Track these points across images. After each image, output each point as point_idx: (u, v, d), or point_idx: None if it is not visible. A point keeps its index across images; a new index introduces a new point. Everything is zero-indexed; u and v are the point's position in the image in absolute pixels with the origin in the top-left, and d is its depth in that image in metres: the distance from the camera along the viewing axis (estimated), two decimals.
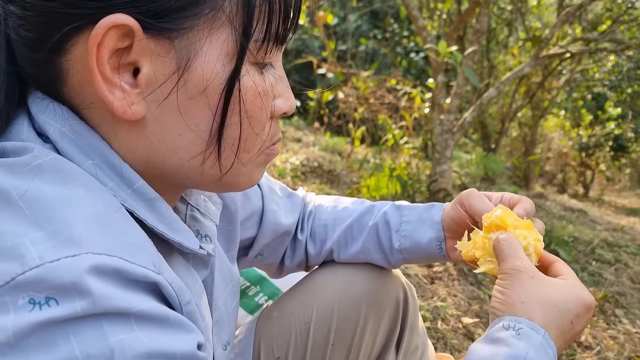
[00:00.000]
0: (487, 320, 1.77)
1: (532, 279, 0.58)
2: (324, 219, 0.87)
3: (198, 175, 0.50)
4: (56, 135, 0.45)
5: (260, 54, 0.47)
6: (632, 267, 2.70)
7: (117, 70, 0.43)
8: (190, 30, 0.43)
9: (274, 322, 0.84)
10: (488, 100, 3.03)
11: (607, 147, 7.24)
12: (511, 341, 0.53)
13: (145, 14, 0.42)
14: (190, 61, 0.44)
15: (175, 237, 0.49)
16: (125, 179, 0.46)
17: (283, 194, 0.88)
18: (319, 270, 0.89)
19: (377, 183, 2.97)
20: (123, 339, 0.36)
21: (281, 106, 0.52)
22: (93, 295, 0.35)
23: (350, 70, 3.79)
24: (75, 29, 0.42)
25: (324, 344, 0.81)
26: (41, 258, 0.35)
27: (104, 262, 0.37)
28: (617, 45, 3.33)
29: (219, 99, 0.46)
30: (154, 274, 0.40)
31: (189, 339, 0.41)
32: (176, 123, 0.46)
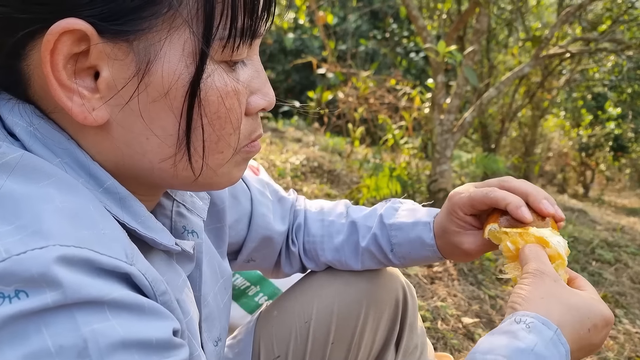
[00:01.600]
0: (487, 320, 1.77)
1: (555, 282, 0.58)
2: (312, 234, 0.86)
3: (171, 177, 0.49)
4: (23, 135, 0.44)
5: (227, 52, 0.45)
6: (632, 267, 2.70)
7: (76, 75, 0.42)
8: (149, 32, 0.41)
9: (273, 321, 0.84)
10: (488, 100, 3.03)
11: (607, 147, 7.24)
12: (520, 334, 0.53)
13: (98, 17, 0.40)
14: (150, 63, 0.42)
15: (147, 234, 0.48)
16: (95, 178, 0.45)
17: (274, 197, 0.87)
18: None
19: (377, 183, 2.97)
20: (96, 329, 0.36)
21: (258, 102, 0.51)
22: (63, 286, 0.35)
23: (350, 70, 3.79)
24: (31, 34, 0.41)
25: (324, 342, 0.81)
26: (7, 251, 0.35)
27: (73, 253, 0.36)
28: (617, 45, 3.33)
29: (182, 101, 0.44)
30: (125, 264, 0.40)
31: (164, 326, 0.41)
32: (141, 127, 0.45)
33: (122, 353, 0.36)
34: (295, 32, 7.48)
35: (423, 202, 0.86)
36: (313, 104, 4.07)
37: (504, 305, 1.90)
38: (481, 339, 0.56)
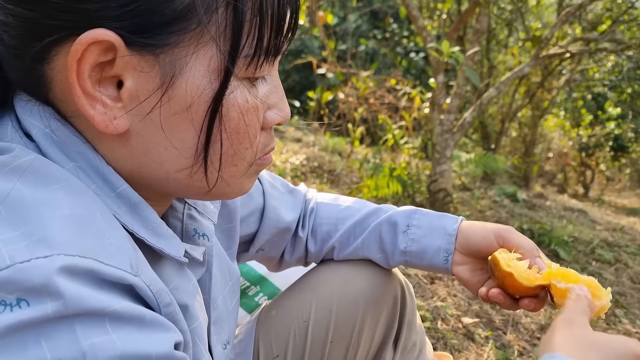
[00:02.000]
0: (487, 320, 1.77)
1: (582, 328, 0.58)
2: (326, 217, 0.87)
3: (185, 187, 0.49)
4: (39, 137, 0.44)
5: (251, 69, 0.45)
6: (632, 267, 2.70)
7: (99, 83, 0.42)
8: (176, 46, 0.42)
9: (272, 320, 0.84)
10: (488, 100, 3.03)
11: (607, 147, 7.23)
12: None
13: (127, 29, 0.40)
14: (175, 77, 0.43)
15: (156, 244, 0.48)
16: (109, 182, 0.45)
17: (284, 189, 0.88)
18: (317, 268, 0.89)
19: (377, 183, 2.97)
20: (95, 343, 0.35)
21: (274, 117, 0.51)
22: (64, 297, 0.35)
23: (350, 70, 3.79)
24: (57, 40, 0.41)
25: (323, 341, 0.81)
26: (12, 258, 0.35)
27: (76, 263, 0.36)
28: (617, 45, 3.33)
29: (204, 116, 0.44)
30: (130, 275, 0.39)
31: (166, 339, 0.41)
32: (160, 137, 0.45)
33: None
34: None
35: (423, 202, 0.86)
36: (313, 104, 4.07)
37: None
38: None
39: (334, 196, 0.91)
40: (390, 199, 3.05)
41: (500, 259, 0.69)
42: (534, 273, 0.68)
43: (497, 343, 1.64)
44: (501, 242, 0.75)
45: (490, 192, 4.11)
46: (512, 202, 4.00)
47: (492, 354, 1.56)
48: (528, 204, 4.12)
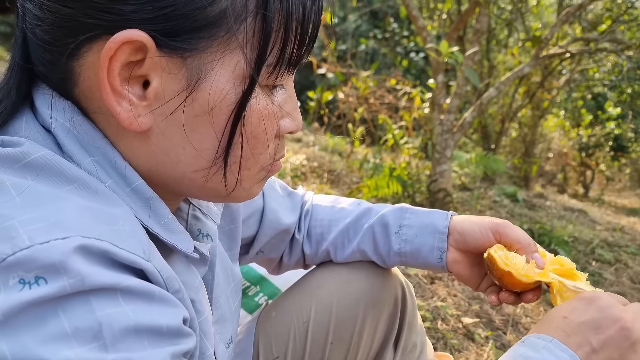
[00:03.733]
0: (487, 320, 1.78)
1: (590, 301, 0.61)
2: (320, 219, 0.87)
3: (198, 189, 0.51)
4: (58, 130, 0.45)
5: (272, 77, 0.47)
6: (632, 267, 2.70)
7: (127, 81, 0.44)
8: (204, 51, 0.43)
9: (272, 321, 0.84)
10: (488, 100, 3.03)
11: (607, 147, 7.24)
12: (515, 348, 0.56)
13: (160, 32, 0.42)
14: (200, 81, 0.44)
15: (169, 239, 0.49)
16: (125, 178, 0.47)
17: (283, 192, 0.88)
18: (317, 269, 0.89)
19: (377, 183, 2.97)
20: (110, 313, 0.37)
21: (287, 126, 0.53)
22: (81, 274, 0.36)
23: (350, 70, 3.79)
24: (90, 38, 0.43)
25: (323, 342, 0.81)
26: (31, 239, 0.36)
27: (93, 244, 0.38)
28: (617, 45, 3.33)
29: (225, 120, 0.46)
30: (142, 260, 0.41)
31: (174, 313, 0.42)
32: (180, 138, 0.46)
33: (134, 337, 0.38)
34: None
35: (423, 202, 0.86)
36: (313, 104, 4.07)
37: (504, 305, 1.90)
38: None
39: (330, 197, 0.92)
40: (390, 199, 3.05)
41: (497, 258, 0.69)
42: (532, 268, 0.69)
43: (497, 343, 1.64)
44: (498, 238, 0.75)
45: (490, 192, 4.12)
46: (512, 202, 4.00)
47: (492, 354, 1.56)
48: (528, 204, 4.12)
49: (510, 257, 0.69)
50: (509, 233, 0.74)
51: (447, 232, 0.78)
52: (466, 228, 0.77)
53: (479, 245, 0.75)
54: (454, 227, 0.78)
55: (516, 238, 0.73)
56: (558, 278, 0.66)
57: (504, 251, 0.71)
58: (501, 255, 0.69)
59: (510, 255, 0.70)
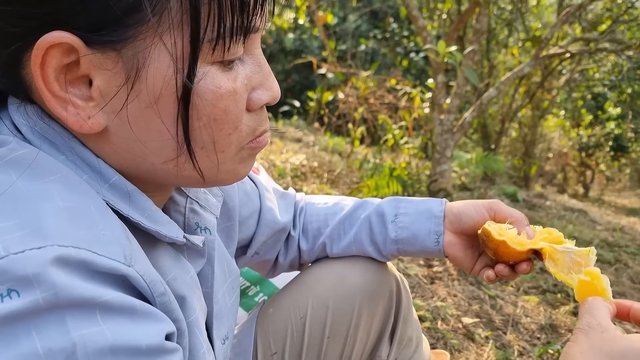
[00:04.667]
0: (487, 320, 1.78)
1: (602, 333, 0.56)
2: (316, 214, 0.89)
3: (175, 177, 0.49)
4: (29, 134, 0.45)
5: (218, 53, 0.44)
6: (632, 267, 2.70)
7: (70, 84, 0.42)
8: (135, 39, 0.41)
9: (270, 318, 0.85)
10: (488, 100, 3.03)
11: (607, 147, 7.24)
12: None
13: (84, 29, 0.40)
14: (139, 71, 0.42)
15: (151, 226, 0.48)
16: (101, 175, 0.46)
17: (276, 194, 0.89)
18: (313, 265, 0.90)
19: (377, 183, 2.97)
20: (85, 334, 0.36)
21: (261, 97, 0.50)
22: (56, 287, 0.35)
23: (350, 70, 3.79)
24: (24, 47, 0.42)
25: (320, 337, 0.81)
26: (5, 249, 0.35)
27: (69, 253, 0.36)
28: (617, 45, 3.33)
29: (175, 107, 0.44)
30: (123, 266, 0.40)
31: (157, 330, 0.41)
32: (138, 133, 0.45)
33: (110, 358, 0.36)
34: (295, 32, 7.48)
35: None
36: (313, 104, 4.07)
37: (504, 305, 1.90)
38: None
39: (323, 196, 0.93)
40: None
41: (491, 230, 0.72)
42: (523, 238, 0.72)
43: (497, 343, 1.64)
44: (492, 214, 0.78)
45: (490, 192, 4.11)
46: (512, 202, 4.00)
47: (492, 354, 1.56)
48: (528, 204, 4.12)
49: (504, 228, 0.73)
50: (502, 209, 0.78)
51: (443, 216, 0.80)
52: (461, 209, 0.80)
53: (475, 223, 0.78)
54: (449, 210, 0.81)
55: (509, 213, 0.77)
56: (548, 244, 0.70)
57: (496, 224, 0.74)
58: (495, 227, 0.73)
59: (503, 227, 0.74)
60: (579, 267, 0.68)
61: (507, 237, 0.71)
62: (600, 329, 0.57)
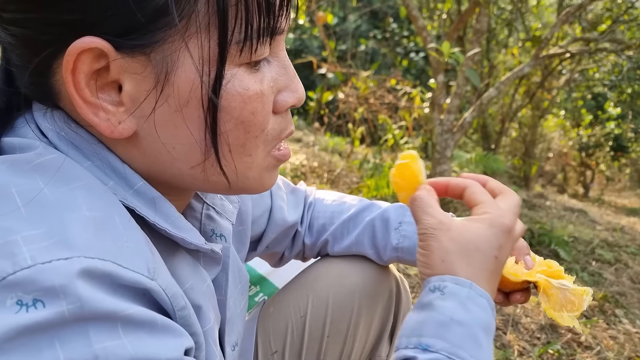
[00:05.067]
0: None
1: (449, 231, 0.55)
2: (323, 211, 0.89)
3: (202, 183, 0.49)
4: (55, 139, 0.45)
5: (245, 54, 0.44)
6: (632, 267, 2.70)
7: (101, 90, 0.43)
8: (164, 43, 0.41)
9: (270, 317, 0.85)
10: (488, 100, 3.03)
11: (607, 147, 7.24)
12: (437, 303, 0.52)
13: (113, 33, 0.40)
14: (168, 74, 0.42)
15: (177, 233, 0.48)
16: (126, 180, 0.46)
17: (287, 189, 0.89)
18: (313, 265, 0.90)
19: (377, 183, 2.97)
20: (107, 346, 0.36)
21: (286, 99, 0.50)
22: (81, 300, 0.35)
23: (350, 70, 3.79)
24: (54, 53, 0.42)
25: (320, 336, 0.81)
26: (33, 259, 0.35)
27: (96, 265, 0.36)
28: (617, 45, 3.33)
29: (204, 110, 0.44)
30: (146, 279, 0.40)
31: (176, 344, 0.41)
32: (167, 137, 0.45)
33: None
34: (295, 32, 7.48)
35: None
36: (313, 104, 4.07)
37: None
38: (406, 319, 0.55)
39: (332, 193, 0.93)
40: (390, 199, 3.05)
41: None
42: (520, 268, 0.69)
43: (497, 343, 1.64)
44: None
45: None
46: None
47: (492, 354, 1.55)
48: (528, 203, 4.12)
49: None
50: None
51: None
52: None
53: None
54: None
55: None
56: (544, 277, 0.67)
57: None
58: None
59: None
60: (572, 305, 0.65)
61: None
62: (445, 228, 0.55)
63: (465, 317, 0.51)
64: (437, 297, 0.53)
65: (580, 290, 0.65)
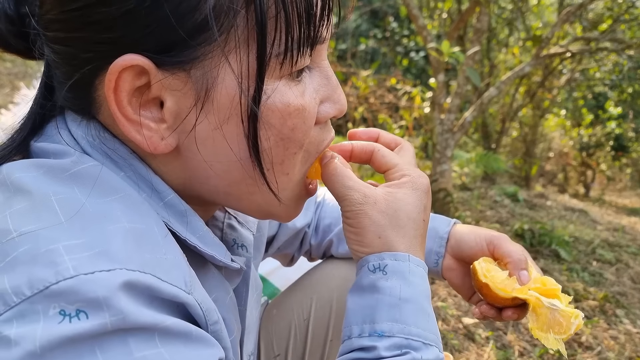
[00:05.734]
0: (487, 321, 1.77)
1: (376, 204, 0.53)
2: (329, 211, 0.88)
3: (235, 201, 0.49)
4: (88, 148, 0.45)
5: (286, 67, 0.43)
6: (632, 267, 2.69)
7: (142, 107, 0.43)
8: (204, 59, 0.41)
9: (273, 319, 0.85)
10: (488, 100, 3.02)
11: (608, 146, 7.22)
12: (381, 284, 0.51)
13: (154, 51, 0.41)
14: (208, 91, 0.42)
15: (208, 250, 0.48)
16: (157, 192, 0.46)
17: None
18: (317, 267, 0.90)
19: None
20: (147, 355, 0.36)
21: (328, 111, 0.49)
22: (124, 312, 0.35)
23: (350, 70, 3.79)
24: (95, 69, 0.43)
25: (323, 339, 0.81)
26: (75, 269, 0.35)
27: (137, 278, 0.37)
28: (618, 44, 3.32)
29: (244, 127, 0.43)
30: (184, 294, 0.40)
31: (209, 354, 0.41)
32: (207, 153, 0.45)
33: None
34: None
35: None
36: None
37: None
38: (348, 300, 0.53)
39: None
40: None
41: (478, 269, 0.68)
42: (511, 284, 0.66)
43: (497, 343, 1.64)
44: (492, 249, 0.73)
45: (491, 192, 4.11)
46: (513, 202, 3.99)
47: (492, 354, 1.55)
48: (529, 203, 4.11)
49: (492, 271, 0.68)
50: (502, 246, 0.72)
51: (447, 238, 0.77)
52: (464, 236, 0.77)
53: (472, 254, 0.74)
54: (453, 234, 0.78)
55: (508, 252, 0.71)
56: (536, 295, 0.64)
57: (487, 263, 0.69)
58: (483, 267, 0.68)
59: (492, 269, 0.68)
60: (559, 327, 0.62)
61: (490, 280, 0.66)
62: (371, 201, 0.53)
63: (411, 293, 0.51)
64: (379, 278, 0.51)
65: (570, 313, 0.62)
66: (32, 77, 4.10)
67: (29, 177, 0.41)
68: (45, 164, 0.42)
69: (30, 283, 0.34)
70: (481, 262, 0.69)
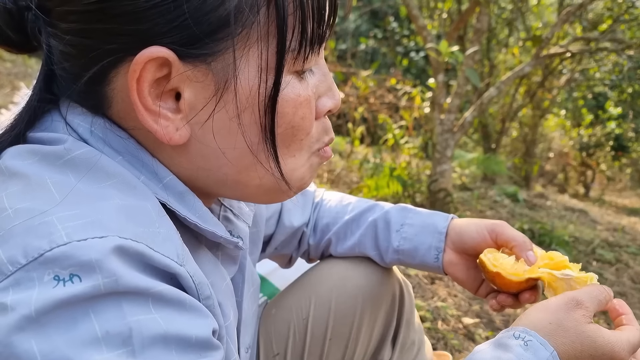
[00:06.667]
0: (487, 321, 1.77)
1: (583, 315, 0.58)
2: (327, 211, 0.89)
3: (243, 188, 0.51)
4: (86, 134, 0.46)
5: (298, 62, 0.46)
6: (632, 267, 2.69)
7: (159, 97, 0.44)
8: (225, 52, 0.43)
9: (272, 319, 0.85)
10: (488, 100, 3.02)
11: (608, 146, 7.23)
12: (517, 350, 0.53)
13: (179, 43, 0.42)
14: (228, 82, 0.44)
15: (208, 227, 0.49)
16: (155, 174, 0.47)
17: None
18: (316, 266, 0.89)
19: (377, 183, 2.96)
20: (141, 319, 0.37)
21: (325, 104, 0.52)
22: (116, 274, 0.36)
23: (350, 70, 3.79)
24: (114, 62, 0.43)
25: (322, 339, 0.81)
26: (69, 236, 0.36)
27: (130, 245, 0.38)
28: (618, 44, 3.32)
29: (260, 115, 0.46)
30: (176, 264, 0.41)
31: (204, 324, 0.42)
32: (221, 142, 0.46)
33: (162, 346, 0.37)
34: None
35: (423, 202, 0.87)
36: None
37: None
38: (478, 347, 0.56)
39: (339, 194, 0.93)
40: (390, 199, 3.04)
41: (485, 261, 0.69)
42: (521, 266, 0.68)
43: None
44: (494, 237, 0.75)
45: (491, 192, 4.11)
46: (513, 202, 4.00)
47: None
48: (529, 203, 4.11)
49: (499, 258, 0.69)
50: (505, 233, 0.74)
51: (446, 233, 0.78)
52: (464, 228, 0.78)
53: (476, 245, 0.75)
54: (452, 228, 0.79)
55: (512, 236, 0.73)
56: (547, 270, 0.66)
57: (493, 253, 0.70)
58: (490, 257, 0.69)
59: (499, 256, 0.70)
60: None
61: (501, 268, 0.67)
62: (582, 308, 0.59)
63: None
64: (518, 345, 0.54)
65: (585, 277, 0.64)
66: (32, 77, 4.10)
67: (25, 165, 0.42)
68: (40, 150, 0.43)
69: (25, 252, 0.36)
70: (486, 253, 0.70)
